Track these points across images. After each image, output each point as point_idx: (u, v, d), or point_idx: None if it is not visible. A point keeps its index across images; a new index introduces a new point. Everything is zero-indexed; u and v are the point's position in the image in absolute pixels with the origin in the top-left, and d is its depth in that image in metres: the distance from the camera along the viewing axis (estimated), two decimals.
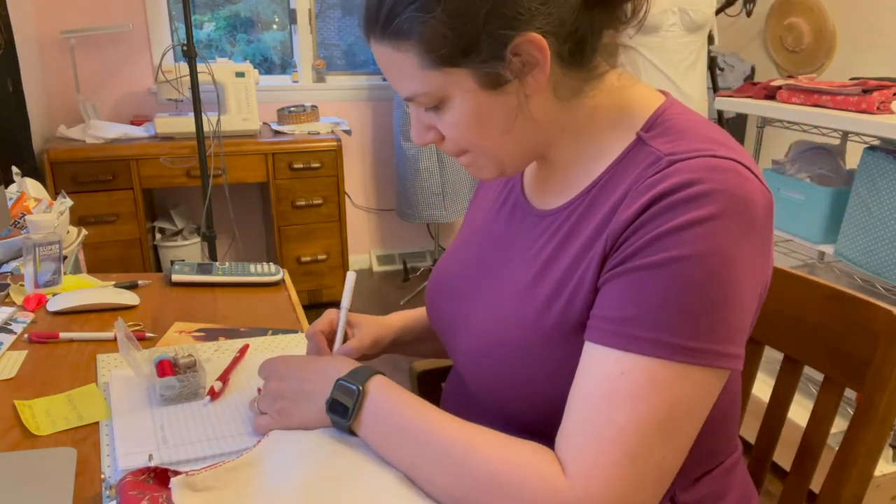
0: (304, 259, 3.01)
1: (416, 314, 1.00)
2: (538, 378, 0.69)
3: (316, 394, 0.73)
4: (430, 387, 1.13)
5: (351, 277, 0.92)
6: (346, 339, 0.89)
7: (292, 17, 3.39)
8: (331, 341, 0.89)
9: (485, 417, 0.70)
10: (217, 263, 1.33)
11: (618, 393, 0.59)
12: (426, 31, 0.62)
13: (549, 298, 0.69)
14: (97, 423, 0.81)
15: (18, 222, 1.59)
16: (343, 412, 0.70)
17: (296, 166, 2.91)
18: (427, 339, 0.99)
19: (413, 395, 0.70)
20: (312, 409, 0.73)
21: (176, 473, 0.67)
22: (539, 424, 0.71)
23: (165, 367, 0.85)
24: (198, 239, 3.07)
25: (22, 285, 1.23)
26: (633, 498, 0.59)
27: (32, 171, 2.54)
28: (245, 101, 2.88)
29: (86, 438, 0.78)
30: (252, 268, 1.31)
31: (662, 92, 0.74)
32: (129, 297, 1.18)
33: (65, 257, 1.49)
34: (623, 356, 0.60)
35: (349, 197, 3.54)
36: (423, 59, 0.64)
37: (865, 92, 1.75)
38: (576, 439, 0.61)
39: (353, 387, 0.69)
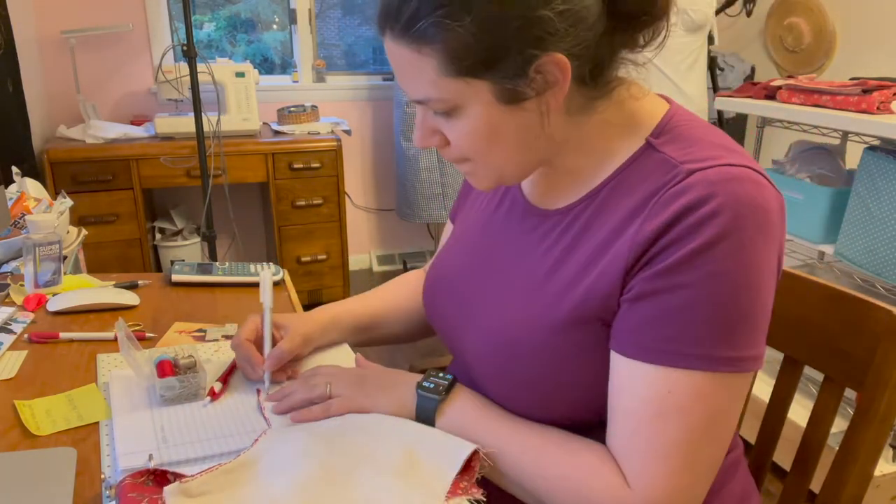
0: (304, 259, 3.01)
1: (347, 305, 1.00)
2: (548, 375, 0.69)
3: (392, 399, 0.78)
4: None
5: (267, 274, 0.91)
6: (274, 341, 0.89)
7: (292, 17, 3.39)
8: (259, 347, 0.89)
9: None
10: (217, 263, 1.33)
11: (667, 409, 0.62)
12: (452, 39, 0.61)
13: (560, 295, 0.69)
14: (97, 423, 0.81)
15: (18, 222, 1.59)
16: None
17: (296, 166, 2.91)
18: (369, 330, 0.99)
19: (484, 399, 0.75)
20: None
21: (175, 475, 0.67)
22: (546, 421, 0.72)
23: (165, 368, 0.85)
24: (198, 239, 3.07)
25: (22, 285, 1.23)
26: (691, 495, 0.64)
27: (32, 171, 2.54)
28: (245, 101, 2.88)
29: (86, 438, 0.78)
30: (252, 268, 1.31)
31: (664, 97, 0.75)
32: (129, 297, 1.18)
33: (65, 257, 1.49)
34: (669, 372, 0.62)
35: (349, 197, 3.54)
36: (443, 66, 0.63)
37: (865, 92, 1.75)
38: (631, 456, 0.64)
39: (433, 396, 0.75)
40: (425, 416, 0.74)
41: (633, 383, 0.64)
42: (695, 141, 0.67)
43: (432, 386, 0.75)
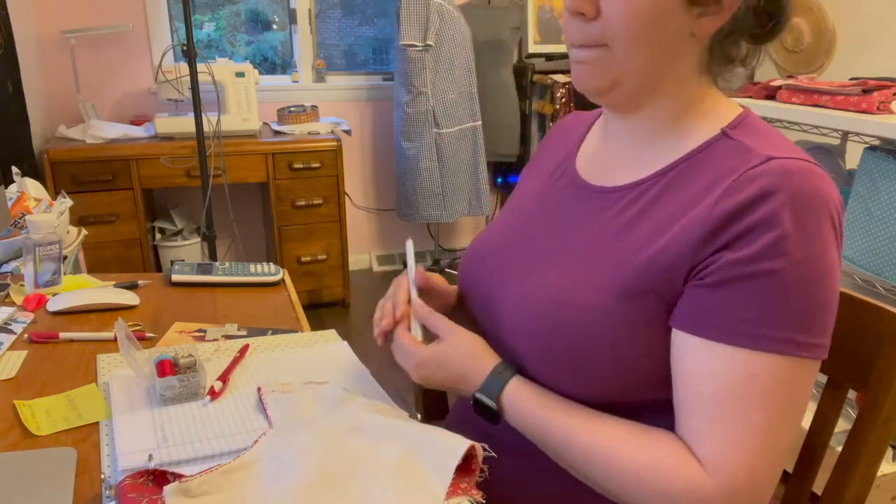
0: (304, 259, 3.00)
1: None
2: (596, 342, 0.69)
3: (462, 390, 0.78)
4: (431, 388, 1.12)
5: (409, 245, 0.91)
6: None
7: (292, 17, 3.39)
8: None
9: None
10: (217, 263, 1.33)
11: (750, 392, 0.63)
12: None
13: (621, 262, 0.70)
14: (97, 423, 0.81)
15: (18, 222, 1.59)
16: (487, 417, 0.75)
17: (296, 166, 2.91)
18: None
19: (544, 394, 0.73)
20: (460, 392, 0.79)
21: (175, 476, 0.67)
22: (580, 400, 0.72)
23: (166, 367, 0.85)
24: (198, 239, 3.06)
25: (22, 285, 1.23)
26: (771, 479, 0.65)
27: (32, 171, 2.54)
28: (245, 101, 2.88)
29: (86, 438, 0.78)
30: (252, 268, 1.31)
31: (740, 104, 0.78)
32: (129, 297, 1.18)
33: (65, 257, 1.49)
34: (752, 355, 0.63)
35: (349, 197, 3.54)
36: None
37: (865, 92, 1.75)
38: (711, 441, 0.64)
39: (491, 404, 0.74)
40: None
41: (711, 366, 0.64)
42: (770, 136, 0.70)
43: (484, 413, 0.76)
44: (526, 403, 0.73)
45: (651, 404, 0.72)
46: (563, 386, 0.73)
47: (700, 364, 0.65)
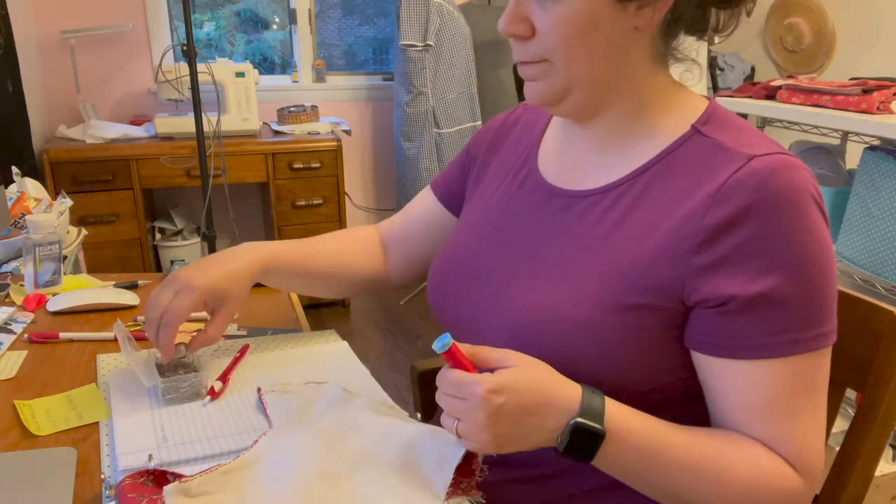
0: None
1: (291, 253, 0.95)
2: (584, 356, 0.68)
3: (544, 427, 0.62)
4: (431, 388, 1.13)
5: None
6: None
7: (292, 17, 3.39)
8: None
9: None
10: None
11: (796, 389, 0.65)
12: None
13: (609, 274, 0.69)
14: (97, 423, 0.81)
15: (18, 222, 1.59)
16: (579, 451, 0.63)
17: (296, 166, 2.91)
18: (305, 278, 0.96)
19: (646, 418, 0.66)
20: (536, 440, 0.63)
21: (175, 476, 0.67)
22: None
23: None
24: (198, 239, 3.06)
25: (22, 285, 1.23)
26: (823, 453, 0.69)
27: (32, 171, 2.54)
28: (245, 101, 2.88)
29: (86, 438, 0.78)
30: None
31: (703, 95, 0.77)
32: (129, 297, 1.18)
33: (65, 257, 1.49)
34: (790, 361, 0.65)
35: (349, 197, 3.54)
36: None
37: (865, 92, 1.75)
38: (780, 442, 0.66)
39: (597, 428, 0.62)
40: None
41: (756, 380, 0.66)
42: (741, 129, 0.69)
43: (576, 451, 0.63)
44: (630, 421, 0.64)
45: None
46: None
47: (743, 381, 0.66)
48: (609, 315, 0.68)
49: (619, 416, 0.64)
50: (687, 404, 0.73)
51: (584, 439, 0.62)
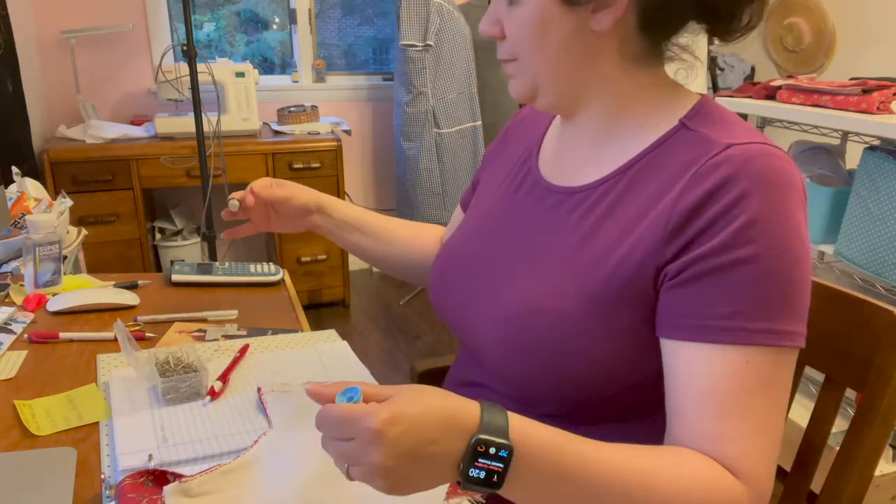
0: (304, 259, 3.01)
1: (363, 213, 1.11)
2: (570, 350, 0.68)
3: (444, 456, 0.54)
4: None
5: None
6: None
7: (292, 17, 3.39)
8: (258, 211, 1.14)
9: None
10: (217, 263, 1.33)
11: (751, 387, 0.62)
12: None
13: (591, 267, 0.69)
14: (97, 423, 0.81)
15: (18, 222, 1.59)
16: (486, 475, 0.53)
17: (296, 166, 2.91)
18: (368, 237, 1.07)
19: (557, 432, 0.57)
20: (438, 475, 0.55)
21: (175, 476, 0.67)
22: (554, 407, 0.71)
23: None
24: (198, 239, 3.07)
25: (22, 285, 1.23)
26: (775, 468, 0.64)
27: (32, 171, 2.54)
28: (245, 101, 2.88)
29: (86, 438, 0.78)
30: (252, 268, 1.31)
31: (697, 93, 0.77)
32: (129, 297, 1.18)
33: (65, 257, 1.49)
34: (744, 351, 0.62)
35: (349, 197, 3.54)
36: None
37: (865, 92, 1.75)
38: (725, 442, 0.62)
39: (503, 443, 0.53)
40: None
41: (705, 367, 0.62)
42: (728, 123, 0.69)
43: (482, 476, 0.53)
44: (539, 437, 0.56)
45: (631, 407, 0.72)
46: (543, 394, 0.72)
47: (693, 366, 0.63)
48: (593, 308, 0.68)
49: (528, 430, 0.55)
50: None
51: (490, 458, 0.52)
